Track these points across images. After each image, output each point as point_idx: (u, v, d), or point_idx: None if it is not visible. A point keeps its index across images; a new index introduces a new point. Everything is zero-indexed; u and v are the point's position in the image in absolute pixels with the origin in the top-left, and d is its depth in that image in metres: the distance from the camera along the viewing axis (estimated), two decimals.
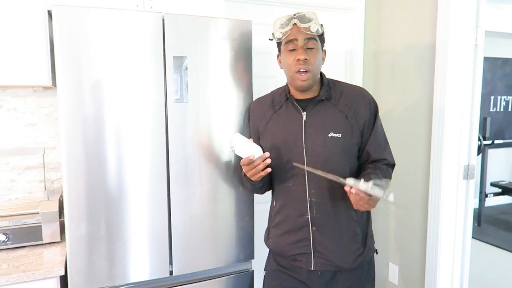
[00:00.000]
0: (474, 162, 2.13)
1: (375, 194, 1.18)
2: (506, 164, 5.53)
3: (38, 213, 1.61)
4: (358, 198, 1.23)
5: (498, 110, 5.30)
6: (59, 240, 1.62)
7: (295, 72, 1.35)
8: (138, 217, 1.45)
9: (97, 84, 1.35)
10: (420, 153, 2.20)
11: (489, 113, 5.17)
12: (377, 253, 1.53)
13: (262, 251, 1.61)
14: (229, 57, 1.53)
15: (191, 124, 1.49)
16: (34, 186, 1.90)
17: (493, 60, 5.07)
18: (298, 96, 1.43)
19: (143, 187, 1.45)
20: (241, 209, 1.63)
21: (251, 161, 1.32)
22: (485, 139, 4.50)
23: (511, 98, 5.38)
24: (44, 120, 1.88)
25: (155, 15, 1.39)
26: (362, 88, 1.47)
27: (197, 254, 1.56)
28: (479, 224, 4.49)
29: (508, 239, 4.13)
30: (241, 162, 1.35)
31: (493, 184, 4.88)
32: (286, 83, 1.47)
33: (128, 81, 1.39)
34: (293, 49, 1.35)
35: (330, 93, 1.41)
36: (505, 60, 5.23)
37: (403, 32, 2.28)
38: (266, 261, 1.58)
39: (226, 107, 1.55)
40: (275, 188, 1.49)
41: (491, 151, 5.14)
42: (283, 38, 1.37)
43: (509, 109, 5.38)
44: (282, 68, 1.43)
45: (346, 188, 1.24)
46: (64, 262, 1.45)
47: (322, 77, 1.45)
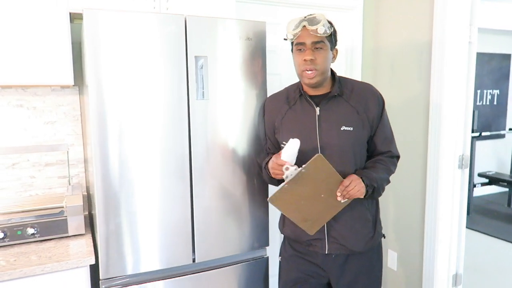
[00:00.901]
0: (468, 152, 2.27)
1: (295, 177, 1.34)
2: (493, 155, 5.75)
3: (63, 207, 1.68)
4: (344, 192, 1.39)
5: (485, 104, 5.50)
6: (84, 233, 1.70)
7: (303, 71, 1.46)
8: (164, 209, 1.54)
9: (124, 83, 1.43)
10: (418, 145, 2.33)
11: (476, 106, 5.37)
12: (385, 237, 1.65)
13: (274, 239, 1.71)
14: (245, 56, 1.62)
15: (211, 120, 1.59)
16: (54, 182, 1.96)
17: (480, 56, 5.25)
18: (311, 93, 1.54)
19: (168, 181, 1.54)
20: (257, 200, 1.73)
21: (282, 165, 1.39)
22: (473, 132, 4.68)
23: (497, 92, 5.59)
24: (62, 118, 1.95)
25: (178, 17, 1.48)
26: (371, 85, 1.58)
27: (217, 243, 1.66)
28: (468, 213, 4.68)
29: (496, 227, 4.33)
30: (277, 161, 1.41)
31: (481, 175, 5.07)
32: (299, 81, 1.57)
33: (154, 80, 1.47)
34: (302, 50, 1.45)
35: (342, 90, 1.52)
36: (491, 56, 5.43)
37: (401, 31, 2.40)
38: (281, 248, 1.68)
39: (243, 103, 1.65)
40: None
41: (479, 143, 5.34)
42: (294, 39, 1.47)
43: (495, 103, 5.59)
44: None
45: (340, 199, 1.40)
46: (93, 252, 1.53)
47: (334, 75, 1.55)
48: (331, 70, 1.55)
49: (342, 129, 1.48)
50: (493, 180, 4.95)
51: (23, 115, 1.89)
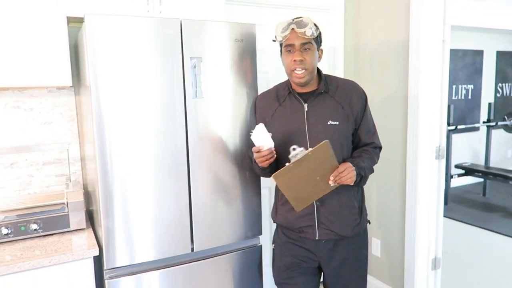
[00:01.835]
0: (444, 144, 2.42)
1: (299, 159, 1.43)
2: (468, 147, 6.00)
3: (64, 203, 1.76)
4: (338, 177, 1.49)
5: (460, 98, 5.74)
6: (85, 227, 1.77)
7: (293, 71, 1.57)
8: (164, 203, 1.64)
9: (124, 84, 1.52)
10: (398, 137, 2.48)
11: (452, 101, 5.60)
12: (370, 223, 1.78)
13: (265, 230, 1.82)
14: (237, 56, 1.73)
15: (207, 117, 1.69)
16: (51, 180, 2.03)
17: (454, 52, 5.48)
18: (299, 90, 1.65)
19: (167, 176, 1.63)
20: (250, 192, 1.84)
21: (260, 151, 1.53)
22: (449, 125, 4.90)
23: (471, 87, 5.84)
24: (59, 118, 2.01)
25: (174, 21, 1.57)
26: (354, 82, 1.71)
27: (214, 233, 1.76)
28: (446, 203, 4.89)
29: (472, 215, 4.55)
30: (253, 149, 1.55)
31: (457, 166, 5.30)
32: (288, 79, 1.68)
33: (152, 80, 1.56)
34: (291, 51, 1.57)
35: (328, 87, 1.64)
36: (465, 52, 5.67)
37: (380, 29, 2.54)
38: (275, 235, 1.80)
39: (235, 101, 1.75)
40: None
41: (455, 136, 5.58)
42: (283, 41, 1.58)
43: (469, 97, 5.84)
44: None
45: (330, 183, 1.50)
46: (96, 245, 1.61)
47: (320, 73, 1.67)
48: (318, 69, 1.67)
49: (329, 124, 1.59)
50: (469, 171, 5.18)
51: (21, 116, 1.95)
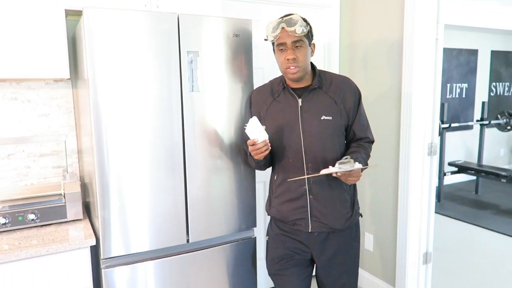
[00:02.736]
0: (437, 141, 2.47)
1: (345, 170, 1.49)
2: (461, 146, 6.07)
3: (61, 194, 1.78)
4: (346, 176, 1.54)
5: (454, 97, 5.79)
6: (82, 218, 1.80)
7: (286, 69, 1.60)
8: (160, 195, 1.66)
9: (122, 77, 1.54)
10: (391, 134, 2.52)
11: (446, 99, 5.66)
12: (362, 217, 1.82)
13: (259, 223, 1.85)
14: (233, 51, 1.75)
15: (203, 111, 1.72)
16: (48, 172, 2.05)
17: (449, 51, 5.53)
18: (294, 86, 1.68)
19: (164, 168, 1.66)
20: (244, 185, 1.87)
21: (254, 143, 1.56)
22: (443, 123, 4.95)
23: (465, 86, 5.90)
24: (56, 111, 2.03)
25: (172, 15, 1.59)
26: (348, 78, 1.74)
27: (209, 225, 1.79)
28: (439, 200, 4.96)
29: (464, 212, 4.61)
30: (247, 142, 1.58)
31: (451, 164, 5.36)
32: (282, 75, 1.71)
33: (149, 74, 1.58)
34: (284, 50, 1.59)
35: (322, 82, 1.67)
36: (459, 51, 5.72)
37: (375, 28, 2.57)
38: (268, 228, 1.83)
39: (231, 95, 1.78)
40: (276, 164, 1.73)
41: (448, 134, 5.64)
42: (275, 40, 1.61)
43: (464, 96, 5.90)
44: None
45: (334, 175, 1.54)
46: (93, 235, 1.64)
47: (314, 69, 1.70)
48: (312, 64, 1.70)
49: (322, 119, 1.63)
50: (462, 169, 5.24)
51: (18, 108, 1.96)
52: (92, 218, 1.79)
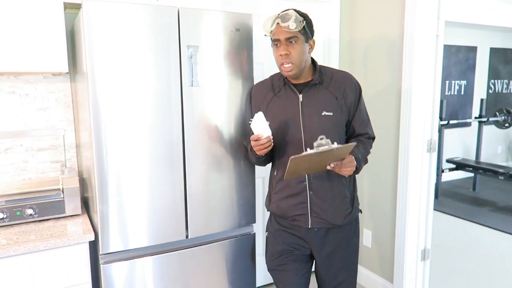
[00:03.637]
0: (436, 137, 2.46)
1: (323, 150, 1.42)
2: (460, 142, 6.07)
3: (59, 189, 1.77)
4: (339, 168, 1.53)
5: (453, 94, 5.79)
6: (80, 213, 1.79)
7: (281, 65, 1.60)
8: (159, 190, 1.65)
9: (121, 71, 1.53)
10: (390, 130, 2.52)
11: (445, 96, 5.66)
12: (361, 213, 1.82)
13: (258, 219, 1.85)
14: (234, 46, 1.74)
15: (203, 106, 1.70)
16: (46, 167, 2.04)
17: (448, 48, 5.53)
18: (294, 81, 1.67)
19: (163, 163, 1.65)
20: (244, 181, 1.86)
21: (259, 139, 1.55)
22: (441, 120, 4.95)
23: (464, 83, 5.90)
24: (54, 105, 2.02)
25: (172, 9, 1.58)
26: (349, 73, 1.73)
27: (208, 220, 1.78)
28: (437, 197, 4.97)
29: (462, 209, 4.62)
30: (251, 137, 1.58)
31: (449, 161, 5.37)
32: None
33: (149, 68, 1.57)
34: (278, 45, 1.58)
35: (322, 78, 1.66)
36: (458, 48, 5.72)
37: (375, 23, 2.56)
38: (268, 223, 1.83)
39: (231, 90, 1.77)
40: (276, 160, 1.73)
41: (447, 131, 5.64)
42: (271, 36, 1.60)
43: (462, 93, 5.90)
44: None
45: (329, 168, 1.53)
46: (92, 230, 1.63)
47: (315, 64, 1.69)
48: (313, 60, 1.69)
49: (323, 114, 1.62)
50: (460, 166, 5.25)
51: (16, 102, 1.95)
52: (91, 213, 1.78)
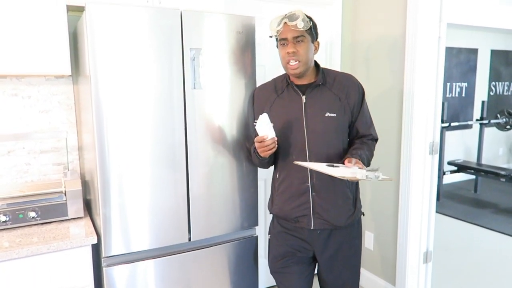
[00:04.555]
0: (437, 139, 2.46)
1: (370, 179, 1.38)
2: (461, 145, 6.07)
3: (62, 192, 1.77)
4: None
5: (454, 96, 5.79)
6: (83, 216, 1.79)
7: (287, 63, 1.60)
8: (162, 193, 1.65)
9: (124, 74, 1.53)
10: (392, 132, 2.51)
11: (446, 98, 5.65)
12: (364, 215, 1.81)
13: (260, 221, 1.86)
14: (236, 48, 1.74)
15: (205, 108, 1.70)
16: (49, 169, 2.03)
17: (449, 50, 5.53)
18: (297, 82, 1.67)
19: (165, 166, 1.64)
20: (246, 183, 1.86)
21: (263, 140, 1.55)
22: (443, 122, 4.94)
23: (465, 85, 5.89)
24: (57, 107, 2.02)
25: (175, 11, 1.58)
26: (351, 75, 1.73)
27: (211, 223, 1.78)
28: (438, 199, 4.96)
29: (463, 211, 4.62)
30: (256, 139, 1.57)
31: (450, 163, 5.36)
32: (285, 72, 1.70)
33: (152, 70, 1.57)
34: (285, 44, 1.59)
35: (325, 79, 1.66)
36: (460, 50, 5.72)
37: (377, 25, 2.56)
38: (270, 226, 1.82)
39: (233, 93, 1.77)
40: (279, 162, 1.72)
41: (448, 133, 5.63)
42: (278, 36, 1.60)
43: (463, 95, 5.89)
44: None
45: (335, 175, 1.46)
46: (95, 233, 1.63)
47: (318, 66, 1.69)
48: (315, 62, 1.69)
49: (327, 115, 1.62)
50: (461, 168, 5.24)
51: (18, 104, 1.95)
52: (93, 216, 1.77)
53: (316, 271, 1.80)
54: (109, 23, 1.47)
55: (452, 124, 5.27)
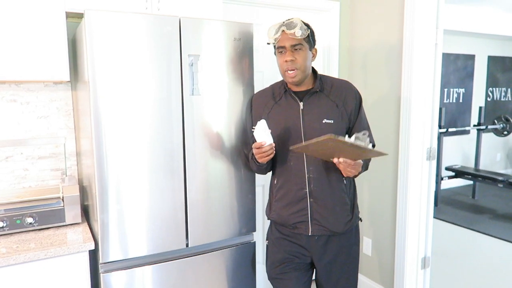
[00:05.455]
0: (435, 145, 2.47)
1: (359, 144, 1.39)
2: (459, 150, 6.09)
3: (60, 197, 1.77)
4: (346, 165, 1.51)
5: (451, 101, 5.82)
6: (80, 222, 1.78)
7: (285, 71, 1.61)
8: (160, 199, 1.65)
9: (122, 80, 1.53)
10: (390, 138, 2.52)
11: (443, 104, 5.68)
12: (361, 221, 1.82)
13: (257, 227, 1.86)
14: (234, 55, 1.75)
15: (203, 115, 1.71)
16: (47, 175, 2.03)
17: (447, 56, 5.56)
18: (295, 89, 1.68)
19: (163, 172, 1.65)
20: (244, 189, 1.86)
21: (261, 146, 1.56)
22: (440, 128, 4.96)
23: (462, 91, 5.92)
24: (55, 113, 2.02)
25: (173, 18, 1.59)
26: (349, 82, 1.74)
27: (209, 229, 1.78)
28: (436, 204, 4.96)
29: (461, 217, 4.62)
30: (254, 145, 1.58)
31: (448, 168, 5.37)
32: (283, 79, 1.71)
33: (150, 77, 1.58)
34: (283, 52, 1.60)
35: (323, 86, 1.67)
36: (457, 56, 5.75)
37: (374, 32, 2.58)
38: (268, 232, 1.82)
39: (231, 99, 1.77)
40: (277, 168, 1.73)
41: (446, 138, 5.65)
42: (276, 43, 1.61)
43: (461, 101, 5.92)
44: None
45: (335, 161, 1.51)
46: (92, 238, 1.62)
47: (315, 72, 1.70)
48: (313, 68, 1.70)
49: (324, 122, 1.63)
50: (459, 173, 5.25)
51: (17, 110, 1.95)
52: (91, 222, 1.77)
53: (314, 277, 1.80)
54: (108, 30, 1.48)
55: (450, 130, 5.29)
